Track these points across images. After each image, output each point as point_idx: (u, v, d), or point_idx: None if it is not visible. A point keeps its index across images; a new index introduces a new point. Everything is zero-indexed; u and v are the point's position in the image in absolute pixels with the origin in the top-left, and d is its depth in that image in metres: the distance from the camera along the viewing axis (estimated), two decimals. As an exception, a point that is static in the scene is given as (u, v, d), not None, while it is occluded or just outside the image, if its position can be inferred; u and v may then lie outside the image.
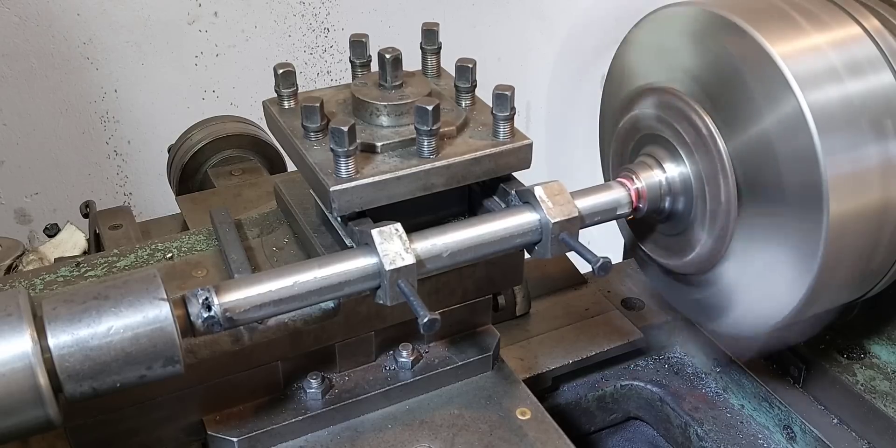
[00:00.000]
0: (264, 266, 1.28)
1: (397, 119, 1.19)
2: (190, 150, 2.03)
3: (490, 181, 1.23)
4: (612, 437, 1.80)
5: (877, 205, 1.16)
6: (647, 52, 1.38)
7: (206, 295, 0.99)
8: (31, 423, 0.90)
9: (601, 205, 1.25)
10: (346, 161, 1.09)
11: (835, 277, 1.19)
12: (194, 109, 2.88)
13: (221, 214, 1.36)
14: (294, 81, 1.25)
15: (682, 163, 1.29)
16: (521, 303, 1.71)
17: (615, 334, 1.70)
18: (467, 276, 1.30)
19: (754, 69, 1.15)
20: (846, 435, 1.50)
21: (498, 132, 1.19)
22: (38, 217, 2.96)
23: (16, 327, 0.89)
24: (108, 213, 1.87)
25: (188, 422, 1.23)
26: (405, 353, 1.33)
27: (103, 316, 0.92)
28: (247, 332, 1.16)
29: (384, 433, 1.28)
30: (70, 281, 1.27)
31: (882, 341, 1.55)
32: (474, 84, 1.25)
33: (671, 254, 1.40)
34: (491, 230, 1.14)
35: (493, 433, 1.27)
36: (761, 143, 1.17)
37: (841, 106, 1.12)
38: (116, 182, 3.05)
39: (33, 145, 2.85)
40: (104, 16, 2.74)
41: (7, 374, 0.87)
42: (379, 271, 1.05)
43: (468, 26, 3.36)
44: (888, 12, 1.24)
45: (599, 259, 1.10)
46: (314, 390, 1.27)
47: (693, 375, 1.73)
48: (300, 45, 3.10)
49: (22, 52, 2.68)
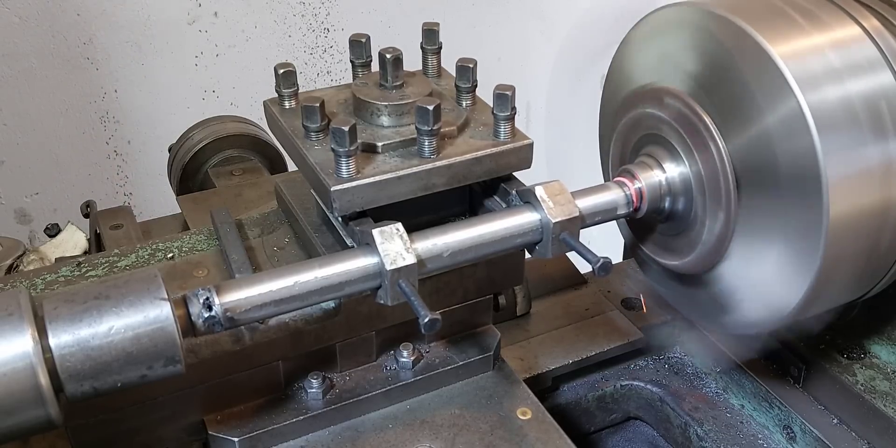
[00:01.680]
0: (265, 266, 1.28)
1: (398, 119, 1.20)
2: (190, 149, 2.03)
3: (491, 181, 1.23)
4: (612, 437, 1.80)
5: (877, 205, 1.16)
6: (647, 52, 1.38)
7: (207, 295, 0.99)
8: (31, 422, 0.90)
9: (601, 205, 1.25)
10: (346, 161, 1.09)
11: (835, 277, 1.19)
12: (194, 109, 2.88)
13: (222, 214, 1.36)
14: (295, 81, 1.25)
15: (682, 163, 1.29)
16: (522, 303, 1.71)
17: (615, 334, 1.70)
18: (468, 276, 1.30)
19: (754, 69, 1.15)
20: (846, 435, 1.50)
21: (499, 132, 1.19)
22: (38, 217, 2.96)
23: (17, 327, 0.89)
24: (108, 213, 1.87)
25: (189, 421, 1.23)
26: (406, 352, 1.33)
27: (104, 316, 0.92)
28: (248, 331, 1.16)
29: (385, 433, 1.28)
30: (71, 281, 1.27)
31: (882, 341, 1.55)
32: (475, 84, 1.25)
33: (671, 254, 1.40)
34: (492, 230, 1.14)
35: (493, 433, 1.27)
36: (761, 143, 1.17)
37: (841, 106, 1.12)
38: (116, 182, 3.05)
39: (33, 145, 2.85)
40: (104, 16, 2.74)
41: (8, 374, 0.87)
42: (380, 271, 1.05)
43: (468, 26, 3.36)
44: (888, 12, 1.24)
45: (600, 259, 1.10)
46: (315, 390, 1.27)
47: (693, 375, 1.73)
48: (300, 45, 3.10)
49: (22, 52, 2.68)
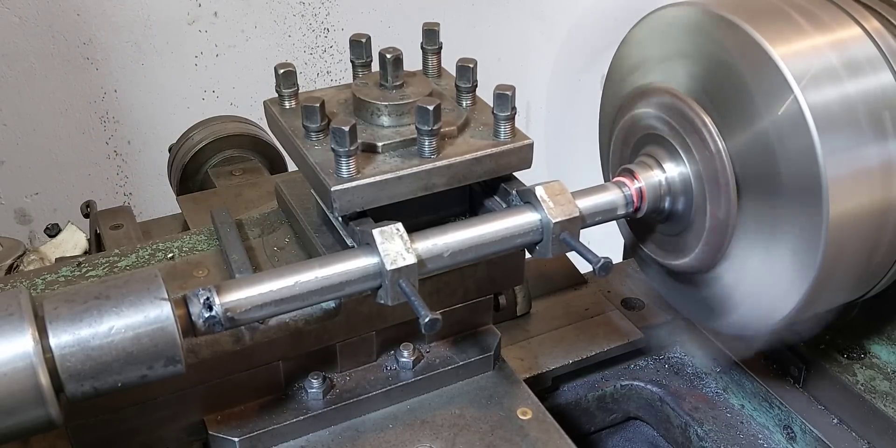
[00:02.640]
0: (265, 266, 1.28)
1: (398, 119, 1.20)
2: (191, 149, 2.03)
3: (491, 181, 1.23)
4: (612, 437, 1.80)
5: (877, 204, 1.16)
6: (647, 52, 1.38)
7: (208, 295, 0.99)
8: (32, 422, 0.90)
9: (602, 205, 1.25)
10: (347, 161, 1.09)
11: (835, 277, 1.19)
12: (194, 109, 2.89)
13: (222, 214, 1.36)
14: (295, 81, 1.25)
15: (682, 163, 1.29)
16: (522, 303, 1.71)
17: (615, 334, 1.70)
18: (468, 276, 1.30)
19: (754, 69, 1.15)
20: (846, 435, 1.50)
21: (499, 132, 1.19)
22: (38, 217, 2.96)
23: (17, 327, 0.88)
24: (108, 213, 1.87)
25: (189, 421, 1.23)
26: (406, 352, 1.33)
27: (104, 315, 0.92)
28: (248, 331, 1.16)
29: (385, 433, 1.28)
30: (71, 281, 1.27)
31: (882, 341, 1.55)
32: (475, 84, 1.25)
33: (671, 254, 1.40)
34: (492, 230, 1.14)
35: (494, 433, 1.27)
36: (761, 142, 1.17)
37: (841, 106, 1.12)
38: (116, 182, 3.05)
39: (33, 145, 2.85)
40: (104, 16, 2.74)
41: (8, 374, 0.87)
42: (380, 271, 1.05)
43: (468, 26, 3.36)
44: (888, 12, 1.24)
45: (601, 259, 1.10)
46: (315, 390, 1.27)
47: (693, 375, 1.73)
48: (300, 45, 3.10)
49: (22, 52, 2.68)
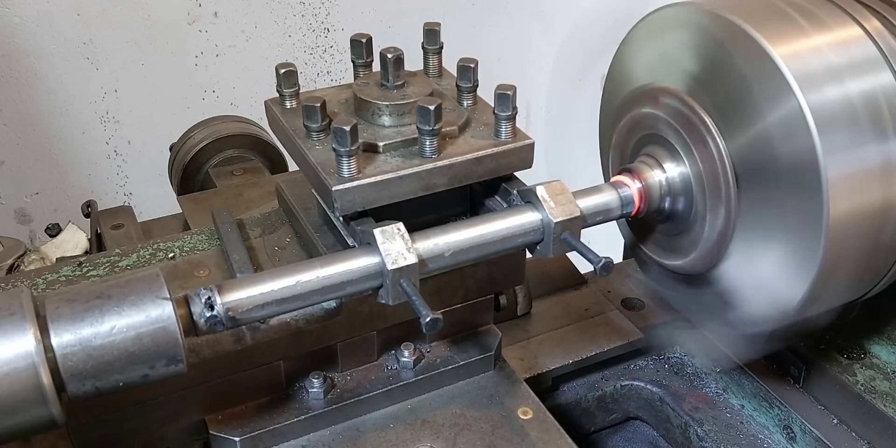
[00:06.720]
0: (266, 266, 1.28)
1: (399, 119, 1.20)
2: (191, 149, 2.03)
3: (492, 181, 1.23)
4: (612, 437, 1.80)
5: (877, 205, 1.16)
6: (647, 52, 1.38)
7: (209, 294, 0.99)
8: (33, 422, 0.90)
9: (602, 204, 1.25)
10: (348, 161, 1.09)
11: (835, 277, 1.19)
12: (194, 109, 2.88)
13: (223, 214, 1.36)
14: (296, 81, 1.25)
15: (682, 163, 1.29)
16: (523, 302, 1.71)
17: (615, 334, 1.71)
18: (469, 276, 1.30)
19: (754, 69, 1.16)
20: (846, 435, 1.50)
21: (500, 132, 1.19)
22: (38, 217, 2.96)
23: (19, 326, 0.89)
24: (109, 213, 1.87)
25: (190, 421, 1.23)
26: (407, 352, 1.33)
27: (106, 315, 0.92)
28: (249, 331, 1.16)
29: (386, 433, 1.28)
30: (72, 280, 1.28)
31: (882, 341, 1.56)
32: (476, 84, 1.25)
33: (672, 254, 1.40)
34: (493, 230, 1.14)
35: (494, 433, 1.27)
36: (761, 142, 1.17)
37: (841, 106, 1.12)
38: (116, 182, 3.05)
39: (33, 145, 2.85)
40: (104, 16, 2.74)
41: (10, 374, 0.87)
42: (381, 271, 1.05)
43: (468, 26, 3.36)
44: (888, 13, 1.24)
45: (601, 259, 1.10)
46: (316, 390, 1.27)
47: (693, 375, 1.73)
48: (300, 45, 3.10)
49: (22, 52, 2.68)
